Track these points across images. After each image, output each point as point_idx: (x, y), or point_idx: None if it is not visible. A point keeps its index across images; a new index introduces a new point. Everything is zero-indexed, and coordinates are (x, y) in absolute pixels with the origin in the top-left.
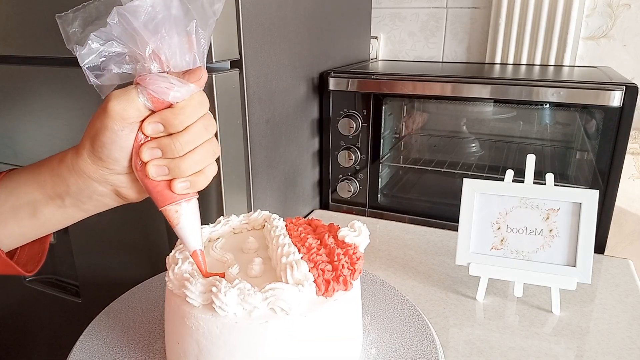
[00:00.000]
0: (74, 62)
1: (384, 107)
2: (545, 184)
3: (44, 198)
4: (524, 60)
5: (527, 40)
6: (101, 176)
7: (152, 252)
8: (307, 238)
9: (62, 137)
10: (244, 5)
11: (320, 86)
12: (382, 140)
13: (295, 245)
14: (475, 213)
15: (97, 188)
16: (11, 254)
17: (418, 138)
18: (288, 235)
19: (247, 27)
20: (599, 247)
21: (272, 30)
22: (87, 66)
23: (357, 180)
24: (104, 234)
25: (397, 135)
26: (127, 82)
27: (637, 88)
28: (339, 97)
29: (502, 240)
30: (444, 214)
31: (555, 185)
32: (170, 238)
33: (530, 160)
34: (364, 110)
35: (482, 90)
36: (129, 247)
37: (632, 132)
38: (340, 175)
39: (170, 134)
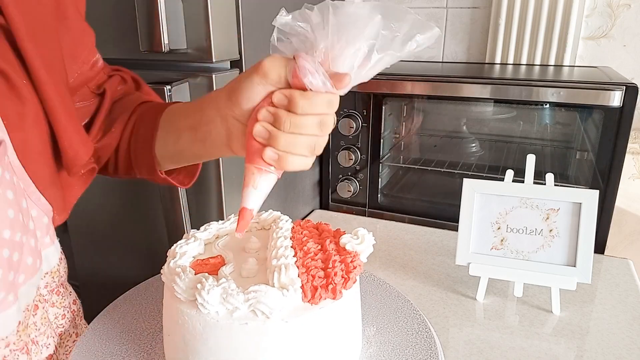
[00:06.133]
0: None
1: (384, 107)
2: (545, 184)
3: (184, 127)
4: (524, 60)
5: (527, 40)
6: (225, 114)
7: (152, 252)
8: (308, 242)
9: None
10: (243, 5)
11: None
12: (382, 140)
13: (294, 249)
14: (475, 213)
15: (217, 124)
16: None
17: (418, 138)
18: (289, 238)
19: (247, 27)
20: (599, 247)
21: (272, 30)
22: (278, 27)
23: (357, 180)
24: (104, 234)
25: (397, 135)
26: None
27: (637, 88)
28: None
29: (502, 240)
30: (444, 214)
31: (555, 185)
32: (170, 238)
33: (530, 160)
34: (364, 110)
35: (482, 90)
36: (129, 247)
37: (632, 132)
38: (340, 175)
39: (289, 111)
